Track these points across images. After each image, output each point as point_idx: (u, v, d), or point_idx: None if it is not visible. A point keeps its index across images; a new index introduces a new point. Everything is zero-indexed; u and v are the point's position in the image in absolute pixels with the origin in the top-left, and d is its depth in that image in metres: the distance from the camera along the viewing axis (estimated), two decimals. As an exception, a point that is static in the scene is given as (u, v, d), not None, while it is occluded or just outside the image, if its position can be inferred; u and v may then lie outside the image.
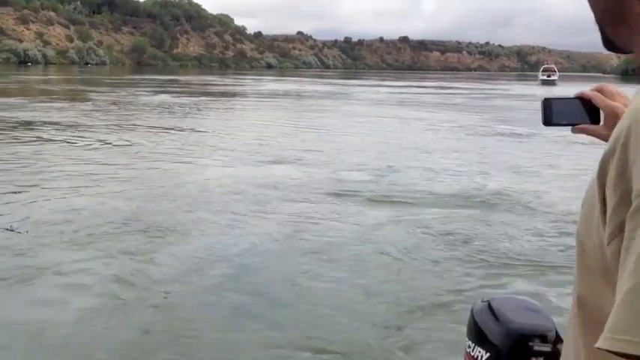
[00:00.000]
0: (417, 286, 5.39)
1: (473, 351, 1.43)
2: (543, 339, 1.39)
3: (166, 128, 18.04)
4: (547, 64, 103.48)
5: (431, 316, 4.83)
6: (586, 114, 1.31)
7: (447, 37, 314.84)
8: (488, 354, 1.41)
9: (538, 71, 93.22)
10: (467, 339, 1.47)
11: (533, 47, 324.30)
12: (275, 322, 4.62)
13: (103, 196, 8.66)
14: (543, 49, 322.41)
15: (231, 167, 11.49)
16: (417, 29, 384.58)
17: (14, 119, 19.27)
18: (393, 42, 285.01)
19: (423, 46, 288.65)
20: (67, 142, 14.43)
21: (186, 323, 4.61)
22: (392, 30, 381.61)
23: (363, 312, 4.86)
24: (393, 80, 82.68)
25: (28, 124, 18.01)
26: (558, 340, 1.39)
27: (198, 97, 35.26)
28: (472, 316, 1.47)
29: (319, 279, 5.56)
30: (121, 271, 5.61)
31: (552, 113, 1.34)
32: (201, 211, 7.90)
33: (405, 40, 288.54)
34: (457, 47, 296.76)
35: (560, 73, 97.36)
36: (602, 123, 1.29)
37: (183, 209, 7.97)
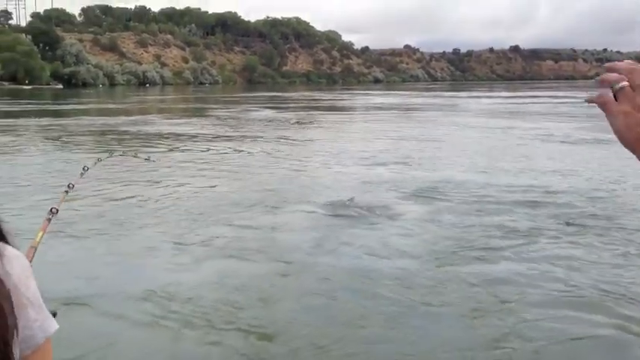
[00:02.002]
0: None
1: None
2: None
3: (282, 137, 19.78)
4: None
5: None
6: None
7: (561, 45, 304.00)
8: None
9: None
10: None
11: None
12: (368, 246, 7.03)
13: (237, 185, 11.15)
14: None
15: (339, 168, 13.17)
16: (528, 38, 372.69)
17: (150, 132, 21.78)
18: (503, 52, 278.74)
19: (535, 55, 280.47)
20: (199, 149, 16.78)
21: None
22: (502, 39, 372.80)
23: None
24: (501, 91, 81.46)
25: (163, 136, 20.47)
26: None
27: (306, 111, 36.73)
28: None
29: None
30: (253, 224, 8.09)
31: None
32: (314, 195, 10.04)
33: (516, 49, 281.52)
34: (572, 55, 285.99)
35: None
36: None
37: (298, 194, 10.18)
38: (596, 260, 6.50)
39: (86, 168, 2.79)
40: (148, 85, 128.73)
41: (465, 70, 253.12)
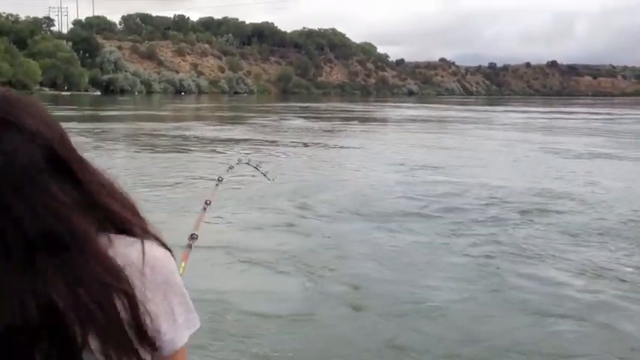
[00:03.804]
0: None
1: None
2: None
3: (319, 144, 21.07)
4: None
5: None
6: None
7: (600, 61, 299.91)
8: None
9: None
10: None
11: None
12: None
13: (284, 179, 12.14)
14: None
15: (372, 171, 14.66)
16: (566, 53, 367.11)
17: (193, 136, 23.37)
18: (540, 67, 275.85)
19: (573, 70, 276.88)
20: (238, 152, 18.07)
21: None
22: (539, 54, 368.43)
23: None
24: (536, 106, 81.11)
25: (207, 140, 21.98)
26: None
27: (339, 121, 37.54)
28: None
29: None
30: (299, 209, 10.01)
31: None
32: (344, 190, 11.65)
33: (553, 64, 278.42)
34: (611, 71, 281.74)
35: None
36: None
37: (332, 189, 11.88)
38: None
39: (220, 178, 3.10)
40: (183, 93, 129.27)
41: (500, 84, 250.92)
